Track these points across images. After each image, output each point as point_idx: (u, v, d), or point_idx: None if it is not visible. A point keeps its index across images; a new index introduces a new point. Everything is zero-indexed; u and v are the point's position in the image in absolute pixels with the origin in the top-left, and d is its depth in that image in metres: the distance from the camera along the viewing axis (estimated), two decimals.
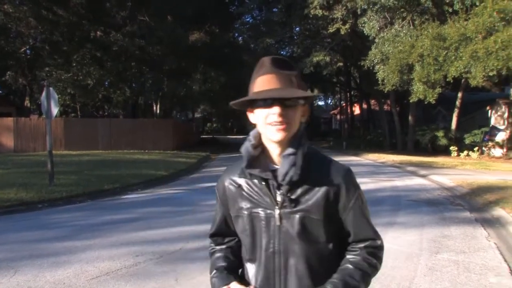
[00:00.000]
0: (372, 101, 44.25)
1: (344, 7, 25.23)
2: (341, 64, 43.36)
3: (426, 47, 19.47)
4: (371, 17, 23.24)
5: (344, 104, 53.46)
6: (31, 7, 25.06)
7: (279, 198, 1.49)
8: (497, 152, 24.19)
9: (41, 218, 8.60)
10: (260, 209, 1.52)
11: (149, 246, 6.21)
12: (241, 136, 48.28)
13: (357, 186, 1.58)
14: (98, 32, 27.60)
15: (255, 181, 1.53)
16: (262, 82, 1.46)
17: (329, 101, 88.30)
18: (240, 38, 40.59)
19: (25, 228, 7.60)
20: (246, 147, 1.53)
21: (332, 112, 68.66)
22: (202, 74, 30.37)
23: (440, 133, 26.63)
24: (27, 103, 32.74)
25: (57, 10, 25.96)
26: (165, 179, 14.95)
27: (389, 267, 5.20)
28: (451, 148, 24.98)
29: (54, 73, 26.93)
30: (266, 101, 1.44)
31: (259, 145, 1.54)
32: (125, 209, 9.47)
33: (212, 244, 1.76)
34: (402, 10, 23.04)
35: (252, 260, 1.58)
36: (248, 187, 1.55)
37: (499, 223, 7.56)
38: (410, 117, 28.88)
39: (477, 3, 18.58)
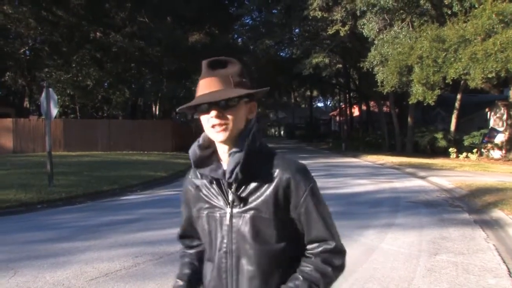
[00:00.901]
0: (371, 103, 44.25)
1: (344, 9, 25.25)
2: (340, 65, 43.39)
3: (425, 49, 19.51)
4: (371, 18, 23.27)
5: (343, 106, 53.46)
6: (30, 8, 25.08)
7: (230, 198, 1.50)
8: (496, 153, 24.20)
9: (41, 219, 8.60)
10: (216, 209, 1.53)
11: (148, 247, 6.22)
12: None
13: (310, 181, 1.52)
14: (97, 33, 27.63)
15: (207, 182, 1.56)
16: (201, 86, 1.48)
17: (328, 102, 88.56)
18: (240, 39, 40.58)
19: (24, 229, 7.60)
20: (193, 149, 1.56)
21: (331, 113, 68.69)
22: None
23: (439, 135, 26.65)
24: (26, 104, 32.76)
25: (56, 11, 26.00)
26: (164, 180, 14.95)
27: (388, 268, 5.22)
28: (450, 149, 25.00)
29: (53, 74, 26.94)
30: (201, 107, 1.45)
31: (209, 146, 1.55)
32: (124, 210, 9.48)
33: (183, 248, 1.81)
34: (401, 12, 23.09)
35: (209, 260, 1.59)
36: (205, 188, 1.57)
37: (497, 225, 7.57)
38: (409, 119, 28.88)
39: (476, 5, 18.63)
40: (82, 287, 4.65)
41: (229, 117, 1.45)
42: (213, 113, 1.43)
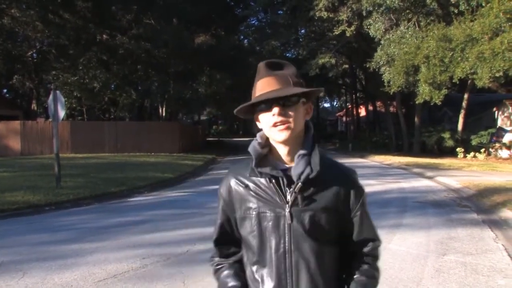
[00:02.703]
0: (378, 103, 44.16)
1: (350, 9, 25.20)
2: (346, 66, 43.34)
3: (432, 49, 19.43)
4: (377, 18, 23.22)
5: (349, 106, 53.37)
6: (38, 11, 25.25)
7: (289, 197, 1.49)
8: (504, 153, 24.06)
9: (48, 220, 8.64)
10: (267, 208, 1.52)
11: (156, 248, 6.23)
12: (247, 139, 48.34)
13: (363, 188, 1.62)
14: (104, 36, 27.75)
15: (262, 180, 1.53)
16: (260, 86, 1.49)
17: (335, 103, 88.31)
18: (246, 40, 40.62)
19: (32, 230, 7.64)
20: (254, 146, 1.54)
21: (338, 114, 68.59)
22: (208, 76, 30.40)
23: (446, 135, 26.53)
24: (34, 106, 32.98)
25: (63, 14, 26.17)
26: (172, 181, 14.98)
27: (396, 268, 5.19)
28: (458, 149, 24.88)
29: (60, 77, 27.13)
30: (265, 104, 1.47)
31: (267, 145, 1.56)
32: (132, 211, 9.50)
33: (216, 257, 1.71)
34: (407, 11, 23.02)
35: (260, 262, 1.55)
36: (256, 187, 1.54)
37: (506, 225, 7.52)
38: (416, 119, 28.78)
39: (483, 4, 18.54)
40: None
41: (291, 114, 1.47)
42: (276, 110, 1.44)
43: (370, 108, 47.22)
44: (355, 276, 1.59)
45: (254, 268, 1.57)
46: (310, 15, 27.30)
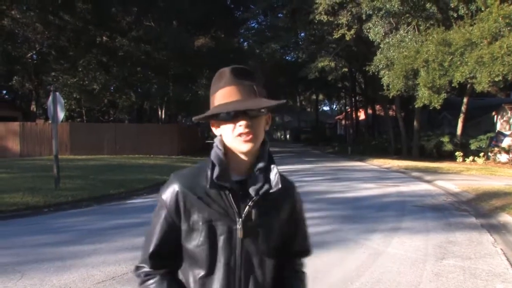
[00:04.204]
0: (377, 107, 44.18)
1: (349, 13, 25.28)
2: (346, 69, 43.38)
3: (431, 53, 19.47)
4: (376, 22, 23.28)
5: (349, 110, 53.38)
6: (38, 13, 25.25)
7: (242, 211, 1.45)
8: (503, 157, 24.08)
9: (47, 222, 8.63)
10: (220, 222, 1.45)
11: None
12: None
13: (301, 199, 1.66)
14: (104, 37, 27.78)
15: (214, 191, 1.45)
16: (224, 95, 1.43)
17: (334, 106, 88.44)
18: (246, 43, 40.73)
19: (31, 232, 7.63)
20: (217, 155, 1.47)
21: (337, 117, 68.58)
22: (207, 79, 30.45)
23: (445, 139, 26.55)
24: (33, 107, 32.93)
25: (63, 16, 26.17)
26: None
27: (394, 272, 5.20)
28: (457, 153, 24.92)
29: (60, 78, 27.12)
30: (230, 114, 1.41)
31: (225, 154, 1.49)
32: (130, 213, 9.49)
33: (146, 268, 1.51)
34: (407, 15, 23.07)
35: (207, 276, 1.46)
36: (208, 198, 1.45)
37: (505, 229, 7.53)
38: (415, 123, 28.82)
39: (483, 8, 18.58)
40: None
41: (256, 125, 1.43)
42: (243, 122, 1.40)
43: (370, 111, 47.25)
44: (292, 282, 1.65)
45: (200, 282, 1.47)
46: (310, 18, 27.37)
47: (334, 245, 6.46)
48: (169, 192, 1.49)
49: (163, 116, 35.42)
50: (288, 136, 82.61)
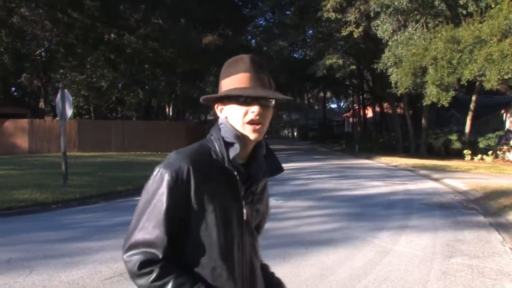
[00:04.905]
0: (385, 104, 44.02)
1: (358, 10, 25.14)
2: (354, 67, 43.22)
3: (439, 50, 19.33)
4: (385, 20, 23.14)
5: (356, 107, 53.27)
6: (47, 10, 25.37)
7: (242, 193, 1.48)
8: None
9: (55, 218, 8.68)
10: (230, 203, 1.44)
11: None
12: None
13: None
14: (112, 35, 27.85)
15: (225, 172, 1.43)
16: (241, 80, 1.43)
17: (342, 104, 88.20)
18: (253, 41, 40.60)
19: (39, 228, 7.67)
20: (234, 133, 1.44)
21: (345, 115, 68.42)
22: (215, 76, 30.46)
23: (453, 137, 26.41)
24: (41, 105, 33.11)
25: (72, 13, 26.27)
26: None
27: (402, 270, 5.18)
28: (465, 151, 24.77)
29: (68, 75, 27.28)
30: (247, 99, 1.41)
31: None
32: None
33: (157, 255, 1.36)
34: (415, 12, 22.92)
35: (220, 260, 1.41)
36: (219, 177, 1.42)
37: None
38: (423, 120, 28.68)
39: (492, 5, 18.42)
40: (97, 287, 4.69)
41: (267, 116, 1.46)
42: (256, 108, 1.42)
43: (377, 109, 47.10)
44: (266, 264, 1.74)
45: (217, 269, 1.41)
46: (318, 15, 27.23)
47: (342, 243, 6.45)
48: (179, 169, 1.36)
49: (170, 113, 35.49)
50: (295, 134, 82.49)
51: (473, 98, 25.75)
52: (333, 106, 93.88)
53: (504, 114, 26.52)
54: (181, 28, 27.47)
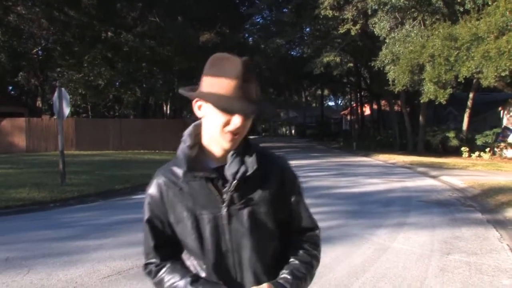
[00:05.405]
0: (383, 102, 44.00)
1: (355, 8, 25.13)
2: (351, 64, 43.16)
3: (437, 47, 19.34)
4: (382, 17, 23.13)
5: (354, 105, 53.23)
6: (43, 9, 25.30)
7: (225, 196, 1.46)
8: (509, 153, 23.96)
9: (53, 217, 8.68)
10: (204, 210, 1.47)
11: None
12: (251, 137, 48.05)
13: (296, 176, 1.64)
14: (109, 33, 27.79)
15: (196, 182, 1.47)
16: (228, 87, 1.38)
17: (339, 101, 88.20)
18: (251, 38, 40.57)
19: (37, 227, 7.67)
20: (183, 150, 1.50)
21: (343, 112, 68.39)
22: None
23: (451, 134, 26.44)
24: (39, 103, 33.07)
25: (68, 11, 26.20)
26: None
27: (400, 267, 5.19)
28: (462, 149, 24.80)
29: (65, 74, 27.21)
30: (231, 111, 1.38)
31: (196, 144, 1.52)
32: (136, 208, 9.47)
33: (154, 261, 1.58)
34: (413, 10, 22.92)
35: (203, 263, 1.51)
36: (190, 188, 1.48)
37: (511, 225, 7.50)
38: (420, 118, 28.69)
39: (489, 3, 18.43)
40: (95, 285, 4.69)
41: (246, 126, 1.44)
42: (239, 121, 1.39)
43: (375, 107, 47.09)
44: (290, 260, 1.57)
45: (205, 268, 1.52)
46: (315, 13, 27.22)
47: (340, 240, 6.46)
48: (154, 187, 1.56)
49: (168, 112, 35.46)
50: (293, 131, 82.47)
51: (471, 95, 25.78)
52: (331, 103, 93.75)
53: (502, 111, 26.55)
54: (178, 26, 27.42)
